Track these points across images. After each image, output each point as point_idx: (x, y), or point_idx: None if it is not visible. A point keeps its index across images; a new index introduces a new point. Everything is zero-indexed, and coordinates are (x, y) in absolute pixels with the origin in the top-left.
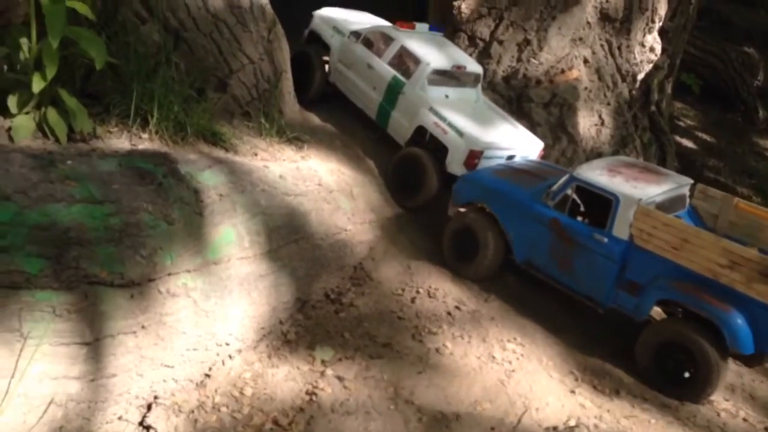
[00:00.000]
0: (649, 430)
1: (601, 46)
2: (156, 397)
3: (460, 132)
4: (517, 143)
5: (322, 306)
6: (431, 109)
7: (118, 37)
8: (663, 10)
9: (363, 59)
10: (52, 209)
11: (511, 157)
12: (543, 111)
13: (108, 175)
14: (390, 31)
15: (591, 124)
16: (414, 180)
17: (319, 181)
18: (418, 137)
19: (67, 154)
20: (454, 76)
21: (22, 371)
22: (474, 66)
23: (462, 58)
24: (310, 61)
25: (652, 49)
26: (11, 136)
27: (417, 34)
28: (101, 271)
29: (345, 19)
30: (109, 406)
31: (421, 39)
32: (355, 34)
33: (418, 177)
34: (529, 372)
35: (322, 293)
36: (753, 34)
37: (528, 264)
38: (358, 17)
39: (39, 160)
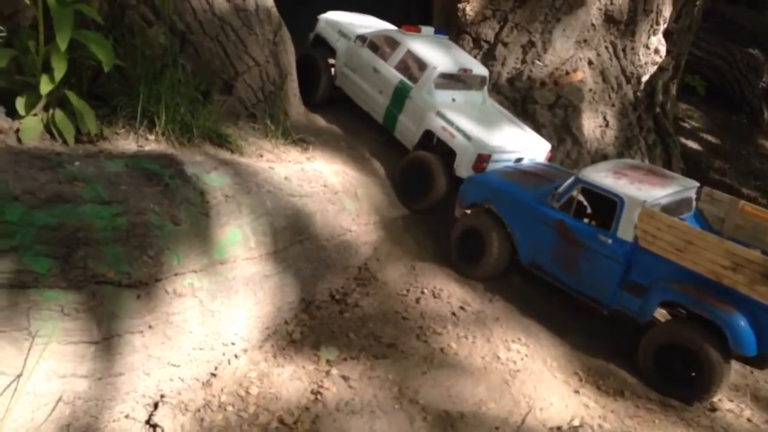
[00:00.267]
0: (653, 430)
1: (606, 47)
2: (162, 396)
3: (468, 136)
4: (524, 146)
5: (327, 306)
6: (438, 113)
7: (125, 39)
8: (668, 11)
9: (369, 63)
10: (60, 210)
11: (519, 160)
12: (548, 113)
13: (115, 176)
14: (395, 34)
15: (596, 125)
16: (422, 183)
17: (324, 183)
18: (426, 141)
19: (74, 155)
20: (460, 80)
21: (31, 369)
22: (480, 69)
23: (468, 61)
24: (316, 64)
25: (656, 51)
26: (19, 137)
27: (422, 38)
28: (109, 271)
29: (350, 22)
30: (116, 404)
31: (427, 42)
32: (361, 38)
33: (427, 180)
34: (533, 372)
35: (327, 293)
36: (758, 35)
37: (533, 265)
38: (364, 21)
39: (47, 161)
